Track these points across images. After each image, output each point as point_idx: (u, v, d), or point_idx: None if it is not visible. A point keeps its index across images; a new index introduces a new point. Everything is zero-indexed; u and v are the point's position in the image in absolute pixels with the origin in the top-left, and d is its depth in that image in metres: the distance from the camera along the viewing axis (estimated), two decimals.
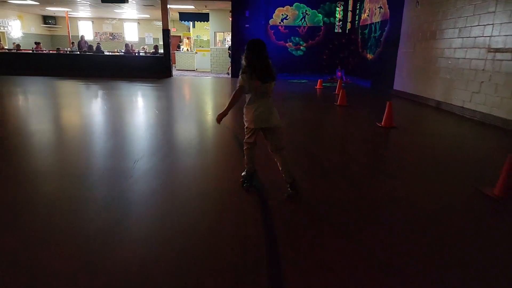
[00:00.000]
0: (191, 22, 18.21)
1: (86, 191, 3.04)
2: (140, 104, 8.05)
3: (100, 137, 4.91)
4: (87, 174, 3.44)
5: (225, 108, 2.72)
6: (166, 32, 12.83)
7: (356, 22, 13.38)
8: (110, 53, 15.26)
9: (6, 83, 10.51)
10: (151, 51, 14.85)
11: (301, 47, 13.95)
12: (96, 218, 2.53)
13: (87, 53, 14.48)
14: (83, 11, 18.91)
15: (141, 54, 15.02)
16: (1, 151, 4.17)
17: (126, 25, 22.31)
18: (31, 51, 14.85)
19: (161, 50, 13.84)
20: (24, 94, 9.01)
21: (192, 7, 15.13)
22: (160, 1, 12.59)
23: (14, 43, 17.61)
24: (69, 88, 10.27)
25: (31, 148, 4.35)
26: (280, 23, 13.66)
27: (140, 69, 12.96)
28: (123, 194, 2.96)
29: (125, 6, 16.25)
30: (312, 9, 13.68)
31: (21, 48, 15.91)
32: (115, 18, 21.96)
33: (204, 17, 16.75)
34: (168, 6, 14.31)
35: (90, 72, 12.63)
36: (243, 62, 2.65)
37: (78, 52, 14.71)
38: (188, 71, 17.05)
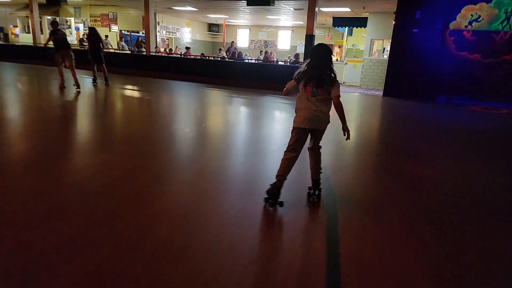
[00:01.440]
0: (346, 28, 15.83)
1: None
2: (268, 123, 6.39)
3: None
4: None
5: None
6: (309, 38, 10.93)
7: None
8: (248, 60, 14.50)
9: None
10: (291, 60, 13.29)
11: (497, 61, 9.65)
12: None
13: (226, 59, 14.06)
14: (243, 19, 19.18)
15: (280, 63, 13.66)
16: None
17: (281, 33, 21.74)
18: (179, 55, 15.49)
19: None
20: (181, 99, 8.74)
21: (348, 9, 12.77)
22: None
23: (177, 48, 19.28)
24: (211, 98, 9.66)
25: None
26: (466, 26, 9.76)
27: (276, 79, 11.53)
28: None
29: (279, 13, 15.36)
30: None
31: (190, 52, 16.94)
32: (271, 26, 21.68)
33: (361, 22, 14.13)
34: (318, 8, 12.46)
35: (226, 78, 11.98)
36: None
37: (225, 58, 14.55)
38: None
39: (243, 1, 11.56)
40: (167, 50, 17.43)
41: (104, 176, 3.17)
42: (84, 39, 19.26)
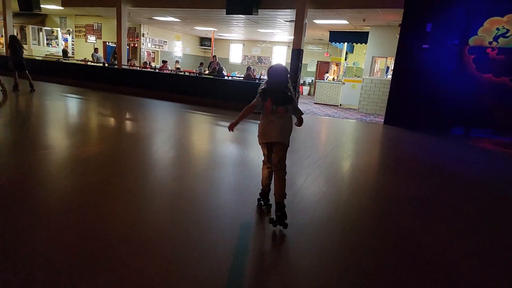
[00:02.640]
0: (345, 44, 14.04)
1: None
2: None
3: None
4: None
5: (236, 118, 2.84)
6: (296, 52, 9.11)
7: None
8: (229, 78, 12.61)
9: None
10: None
11: None
12: None
13: (205, 75, 12.26)
14: (235, 32, 17.57)
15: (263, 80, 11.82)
16: None
17: (276, 48, 20.07)
18: (153, 70, 13.75)
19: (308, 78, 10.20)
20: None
21: (345, 22, 10.97)
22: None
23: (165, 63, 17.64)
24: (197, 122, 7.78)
25: None
26: (491, 43, 7.83)
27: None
28: None
29: (272, 26, 13.68)
30: None
31: (166, 66, 15.32)
32: (266, 41, 20.06)
33: (362, 38, 12.34)
34: (310, 20, 10.69)
35: (203, 96, 10.15)
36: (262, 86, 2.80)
37: (201, 74, 12.76)
38: (329, 106, 12.87)
39: (223, 11, 9.85)
40: (149, 63, 15.71)
41: None
42: (67, 50, 18.13)
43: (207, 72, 12.75)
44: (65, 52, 17.20)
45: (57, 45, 20.03)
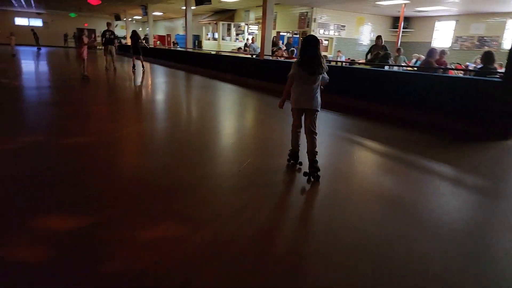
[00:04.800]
0: None
1: None
2: None
3: None
4: None
5: (283, 96, 3.14)
6: None
7: None
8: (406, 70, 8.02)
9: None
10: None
11: None
12: None
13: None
14: (443, 4, 12.30)
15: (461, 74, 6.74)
16: None
17: None
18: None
19: None
20: None
21: None
22: None
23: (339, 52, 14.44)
24: None
25: None
26: None
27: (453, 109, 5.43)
28: None
29: None
30: None
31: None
32: (496, 13, 13.18)
33: None
34: None
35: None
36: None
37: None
38: None
39: None
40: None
41: None
42: (247, 43, 18.00)
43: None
44: (246, 45, 16.91)
45: (243, 39, 20.35)
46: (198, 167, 3.34)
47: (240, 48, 15.23)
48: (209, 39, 21.75)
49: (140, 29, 29.03)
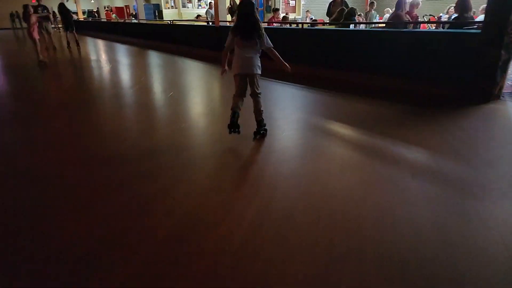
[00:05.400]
0: None
1: None
2: None
3: None
4: None
5: (222, 64, 3.15)
6: None
7: None
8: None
9: None
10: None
11: None
12: None
13: None
14: None
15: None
16: None
17: None
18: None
19: None
20: None
21: None
22: None
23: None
24: None
25: None
26: None
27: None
28: None
29: None
30: None
31: None
32: None
33: None
34: None
35: None
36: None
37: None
38: None
39: None
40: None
41: None
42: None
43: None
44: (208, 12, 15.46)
45: (206, 5, 18.77)
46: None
47: (199, 15, 13.74)
48: (170, 8, 20.05)
49: (92, 1, 26.63)
